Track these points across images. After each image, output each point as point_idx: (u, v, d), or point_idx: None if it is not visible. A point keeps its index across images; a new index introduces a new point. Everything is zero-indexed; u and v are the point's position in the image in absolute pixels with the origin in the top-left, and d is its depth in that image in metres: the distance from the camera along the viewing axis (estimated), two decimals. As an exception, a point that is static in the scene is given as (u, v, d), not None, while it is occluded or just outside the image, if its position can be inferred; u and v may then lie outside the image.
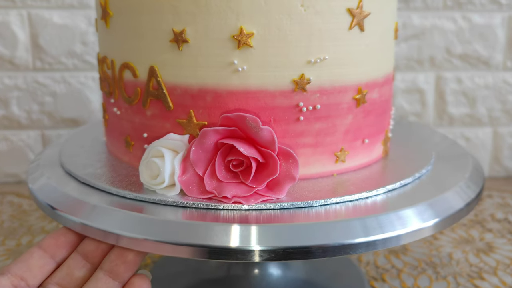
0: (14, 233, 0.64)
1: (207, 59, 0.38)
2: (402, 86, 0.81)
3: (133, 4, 0.40)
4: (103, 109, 0.49)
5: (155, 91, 0.40)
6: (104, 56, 0.45)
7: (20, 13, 0.75)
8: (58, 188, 0.42)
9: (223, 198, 0.36)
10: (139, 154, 0.43)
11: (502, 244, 0.62)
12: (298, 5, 0.38)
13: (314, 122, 0.40)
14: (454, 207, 0.41)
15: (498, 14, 0.79)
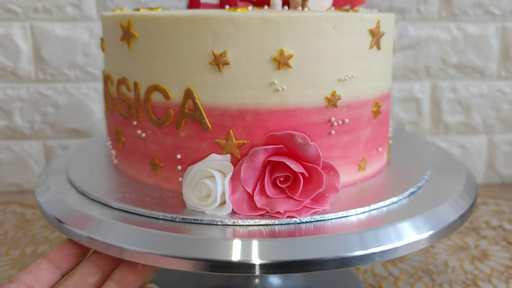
0: (18, 243, 0.65)
1: (247, 80, 0.39)
2: (399, 95, 0.82)
3: (167, 27, 0.40)
4: (116, 132, 0.47)
5: (192, 113, 0.40)
6: (122, 77, 0.44)
7: (23, 25, 0.76)
8: (64, 201, 0.44)
9: (276, 213, 0.38)
10: (169, 176, 0.43)
11: (497, 251, 0.63)
12: (330, 27, 0.40)
13: (343, 135, 0.43)
14: (448, 219, 0.42)
15: (492, 24, 0.80)
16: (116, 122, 0.47)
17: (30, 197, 0.80)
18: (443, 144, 0.85)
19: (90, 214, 0.40)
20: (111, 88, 0.47)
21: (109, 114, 0.50)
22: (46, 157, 0.82)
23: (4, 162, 0.81)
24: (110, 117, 0.49)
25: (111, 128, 0.50)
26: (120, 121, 0.46)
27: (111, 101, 0.47)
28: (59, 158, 0.55)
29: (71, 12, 0.76)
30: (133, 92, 0.43)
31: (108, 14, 0.46)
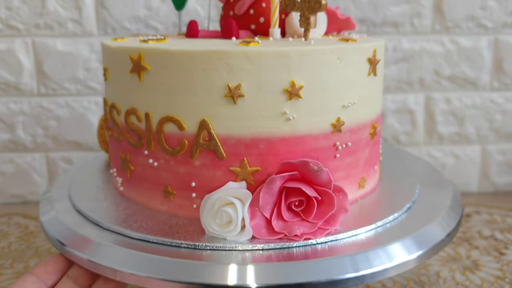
0: (22, 256, 0.67)
1: (260, 110, 0.41)
2: (393, 107, 0.84)
3: (181, 61, 0.41)
4: (124, 160, 0.48)
5: (207, 143, 0.42)
6: (132, 108, 0.46)
7: (25, 41, 0.78)
8: (67, 224, 0.45)
9: (294, 236, 0.40)
10: (183, 203, 0.44)
11: (488, 261, 0.65)
12: (335, 58, 0.43)
13: (346, 157, 0.46)
14: (436, 238, 0.44)
15: (484, 37, 0.82)
16: (124, 150, 0.48)
17: (33, 208, 0.82)
18: (437, 154, 0.87)
19: (107, 243, 0.41)
20: (117, 118, 0.48)
21: (113, 141, 0.50)
22: (49, 169, 0.83)
23: (7, 174, 0.83)
24: (115, 145, 0.50)
25: (115, 155, 0.50)
26: (129, 149, 0.47)
27: (117, 130, 0.48)
28: (61, 180, 0.57)
29: (71, 28, 0.78)
30: (144, 122, 0.44)
31: (114, 46, 0.46)
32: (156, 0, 0.77)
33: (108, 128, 0.51)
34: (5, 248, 0.69)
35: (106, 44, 0.48)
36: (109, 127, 0.50)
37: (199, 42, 0.45)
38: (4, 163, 0.82)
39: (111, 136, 0.50)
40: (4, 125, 0.81)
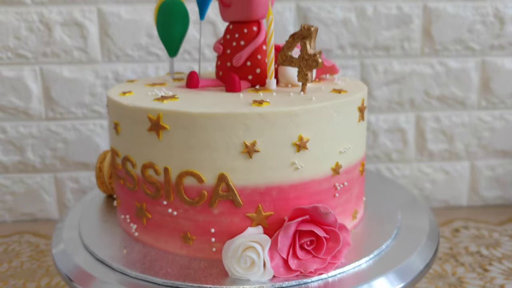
0: (33, 275, 0.71)
1: (273, 162, 0.46)
2: (385, 126, 0.88)
3: (200, 122, 0.44)
4: (140, 209, 0.50)
5: (225, 193, 0.46)
6: (149, 162, 0.47)
7: (33, 68, 0.82)
8: (74, 261, 0.49)
9: (309, 273, 0.45)
10: (202, 247, 0.48)
11: (472, 278, 0.69)
12: (333, 112, 0.47)
13: (343, 195, 0.51)
14: (416, 269, 0.48)
15: (472, 58, 0.85)
16: (140, 200, 0.50)
17: (42, 226, 0.87)
18: (428, 170, 0.90)
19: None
20: (132, 170, 0.49)
21: (125, 191, 0.52)
22: (57, 189, 0.88)
23: (18, 193, 0.87)
24: (128, 194, 0.51)
25: (128, 203, 0.52)
26: (146, 199, 0.49)
27: (131, 181, 0.50)
28: (72, 213, 0.60)
29: (77, 55, 0.82)
30: (162, 176, 0.47)
31: (129, 104, 0.48)
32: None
33: (119, 177, 0.53)
34: (17, 267, 0.73)
35: (118, 101, 0.49)
36: (121, 176, 0.52)
37: (210, 98, 0.49)
38: (14, 183, 0.87)
39: (123, 185, 0.52)
40: (14, 147, 0.85)
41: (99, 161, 0.63)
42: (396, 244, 0.51)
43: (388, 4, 0.82)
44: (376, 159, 0.89)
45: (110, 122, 0.53)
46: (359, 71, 0.85)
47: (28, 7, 0.79)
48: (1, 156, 0.85)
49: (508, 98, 0.87)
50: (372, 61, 0.84)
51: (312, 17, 0.82)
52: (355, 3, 0.82)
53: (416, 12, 0.83)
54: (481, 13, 0.83)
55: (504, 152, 0.90)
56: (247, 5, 0.52)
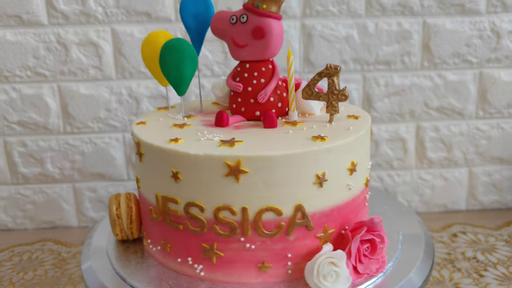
0: (57, 283, 0.76)
1: (337, 187, 0.53)
2: (386, 136, 0.92)
3: (279, 163, 0.49)
4: (210, 249, 0.52)
5: (301, 221, 0.51)
6: (224, 205, 0.50)
7: (51, 86, 0.86)
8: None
9: (374, 273, 0.53)
10: (278, 272, 0.52)
11: (468, 284, 0.73)
12: (364, 136, 0.57)
13: (367, 203, 0.63)
14: (416, 285, 0.53)
15: (470, 71, 0.89)
16: (209, 241, 0.51)
17: (62, 233, 0.92)
18: (427, 177, 0.95)
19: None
20: (199, 214, 0.51)
21: (188, 235, 0.53)
22: (75, 198, 0.93)
23: (38, 203, 0.92)
24: (192, 237, 0.52)
25: (192, 247, 0.53)
26: (217, 239, 0.51)
27: (198, 225, 0.51)
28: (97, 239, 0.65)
29: (93, 73, 0.86)
30: (240, 215, 0.49)
31: (199, 153, 0.49)
32: (168, 47, 0.85)
33: (175, 223, 0.53)
34: (42, 275, 0.78)
35: (180, 150, 0.50)
36: (180, 222, 0.52)
37: (267, 138, 0.53)
38: (35, 193, 0.92)
39: (182, 230, 0.53)
40: (35, 160, 0.90)
41: (114, 208, 0.62)
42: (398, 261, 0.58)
43: (389, 21, 0.86)
44: (378, 166, 0.94)
45: (157, 170, 0.53)
46: (361, 84, 0.89)
47: (45, 28, 0.83)
48: (22, 168, 0.90)
49: (504, 108, 0.91)
50: (374, 75, 0.88)
51: (316, 34, 0.86)
52: (357, 20, 0.85)
53: (416, 28, 0.86)
54: (478, 28, 0.87)
55: (501, 159, 0.94)
56: (265, 46, 0.56)
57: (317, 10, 0.85)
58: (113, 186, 0.92)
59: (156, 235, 0.57)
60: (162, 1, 0.83)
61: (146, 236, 0.61)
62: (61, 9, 0.82)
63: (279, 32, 0.55)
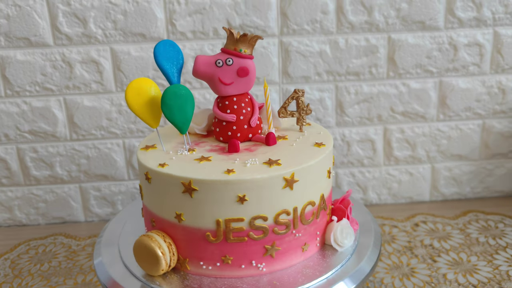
0: (70, 273, 0.88)
1: (331, 178, 0.70)
2: (357, 137, 1.03)
3: (308, 169, 0.63)
4: (271, 248, 0.62)
5: (322, 205, 0.67)
6: (282, 210, 0.61)
7: (58, 99, 0.97)
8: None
9: (356, 227, 0.74)
10: (312, 247, 0.67)
11: (422, 268, 0.86)
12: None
13: None
14: (365, 271, 0.65)
15: (430, 79, 1.00)
16: (270, 241, 0.62)
17: (71, 227, 1.04)
18: (394, 173, 1.07)
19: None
20: (263, 224, 0.61)
21: (250, 243, 0.62)
22: (82, 196, 1.04)
23: (49, 201, 1.04)
24: (255, 244, 0.62)
25: (255, 251, 0.63)
26: (277, 238, 0.63)
27: (261, 232, 0.62)
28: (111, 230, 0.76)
29: (95, 87, 0.97)
30: (292, 214, 0.63)
31: (268, 176, 0.59)
32: (161, 63, 0.95)
33: (235, 237, 0.60)
34: (57, 267, 0.90)
35: (250, 178, 0.58)
36: (244, 235, 0.61)
37: (282, 152, 0.66)
38: (46, 193, 1.03)
39: (247, 241, 0.61)
40: (45, 164, 1.01)
41: (157, 249, 0.61)
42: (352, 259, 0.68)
43: (358, 37, 0.96)
44: (351, 164, 1.06)
45: (216, 200, 0.59)
46: (334, 93, 1.00)
47: (51, 49, 0.94)
48: (34, 171, 1.01)
49: (462, 111, 1.02)
50: (345, 85, 0.99)
51: (293, 50, 0.96)
52: (329, 37, 0.96)
53: (382, 43, 0.97)
54: (437, 42, 0.97)
55: (460, 155, 1.06)
56: (248, 83, 0.68)
57: (293, 28, 0.95)
58: (115, 185, 1.04)
59: (213, 255, 0.62)
60: (155, 23, 0.93)
61: (193, 261, 0.64)
62: (65, 32, 0.93)
63: (254, 70, 0.67)
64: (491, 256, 0.88)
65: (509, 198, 1.10)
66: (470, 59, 0.99)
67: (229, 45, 0.66)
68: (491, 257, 0.88)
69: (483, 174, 1.08)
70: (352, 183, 1.07)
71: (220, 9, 0.93)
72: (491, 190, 1.10)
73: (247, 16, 0.93)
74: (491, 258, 0.87)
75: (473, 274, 0.83)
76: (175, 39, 0.94)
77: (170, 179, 0.60)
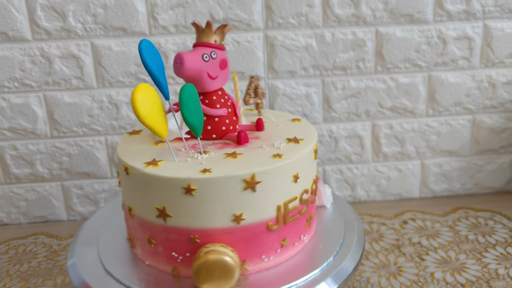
0: (50, 274, 0.86)
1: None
2: (345, 133, 1.01)
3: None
4: None
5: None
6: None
7: (37, 95, 0.94)
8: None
9: None
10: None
11: (409, 267, 0.84)
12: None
13: None
14: (348, 271, 0.63)
15: (419, 74, 0.98)
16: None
17: (53, 227, 1.01)
18: (383, 169, 1.05)
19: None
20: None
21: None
22: (64, 195, 1.02)
23: (30, 200, 1.02)
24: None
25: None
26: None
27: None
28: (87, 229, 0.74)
29: (75, 83, 0.94)
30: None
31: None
32: (143, 58, 0.93)
33: (291, 217, 0.63)
34: (36, 267, 0.88)
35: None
36: (295, 214, 0.63)
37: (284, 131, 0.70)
38: (27, 191, 1.01)
39: (296, 219, 0.64)
40: (25, 162, 0.99)
41: (233, 262, 0.57)
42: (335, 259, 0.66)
43: (344, 30, 0.94)
44: (338, 161, 1.04)
45: (278, 185, 0.60)
46: (321, 88, 0.98)
47: (30, 43, 0.91)
48: (14, 169, 0.99)
49: (451, 106, 1.01)
50: (332, 79, 0.97)
51: (278, 44, 0.94)
52: (315, 30, 0.94)
53: (369, 36, 0.95)
54: (426, 36, 0.95)
55: (450, 151, 1.04)
56: (227, 75, 0.67)
57: (279, 22, 0.93)
58: (98, 183, 1.02)
59: (274, 243, 0.62)
60: (136, 17, 0.91)
61: (253, 258, 0.62)
62: (43, 26, 0.90)
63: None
64: (480, 254, 0.86)
65: (500, 195, 1.08)
66: (459, 53, 0.97)
67: (206, 38, 0.64)
68: (480, 255, 0.86)
69: (474, 170, 1.06)
70: (340, 180, 1.05)
71: (203, 2, 0.90)
72: (482, 186, 1.08)
73: (231, 9, 0.91)
74: (480, 256, 0.86)
75: (461, 273, 0.81)
76: (157, 33, 0.92)
77: (225, 182, 0.56)
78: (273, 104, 0.98)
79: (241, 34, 0.93)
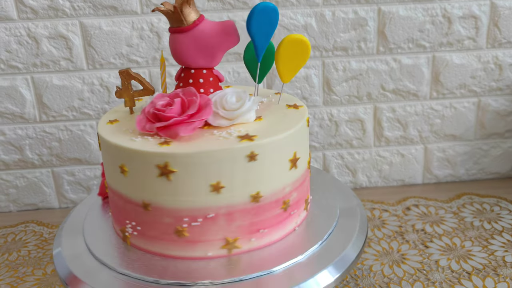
0: (40, 263, 0.83)
1: None
2: (346, 117, 0.98)
3: None
4: None
5: None
6: None
7: (25, 77, 0.90)
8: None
9: None
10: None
11: (413, 255, 0.81)
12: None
13: None
14: (350, 259, 0.60)
15: (423, 55, 0.94)
16: None
17: (44, 214, 0.98)
18: (385, 154, 1.01)
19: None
20: None
21: None
22: (55, 181, 0.98)
23: (20, 187, 0.98)
24: None
25: None
26: None
27: None
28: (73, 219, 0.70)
29: (64, 65, 0.90)
30: None
31: None
32: (135, 38, 0.89)
33: None
34: (25, 256, 0.85)
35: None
36: None
37: None
38: (16, 178, 0.97)
39: None
40: (14, 147, 0.95)
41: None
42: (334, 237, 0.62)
43: (345, 9, 0.90)
44: (339, 145, 1.00)
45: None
46: (321, 70, 0.94)
47: (15, 23, 0.87)
48: (2, 155, 0.95)
49: (456, 89, 0.97)
50: (333, 61, 0.93)
51: (276, 23, 0.90)
52: (315, 9, 0.90)
53: (371, 15, 0.91)
54: (430, 14, 0.91)
55: (454, 136, 1.01)
56: None
57: (276, 0, 0.88)
58: (90, 169, 0.98)
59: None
60: (127, -6, 0.86)
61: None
62: (29, 4, 0.86)
63: None
64: (486, 241, 0.83)
65: (505, 180, 1.05)
66: (465, 32, 0.93)
67: (196, 15, 0.60)
68: (486, 242, 0.83)
69: (478, 155, 1.03)
70: (340, 165, 1.01)
71: (197, -21, 0.86)
72: (487, 171, 1.04)
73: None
74: (486, 243, 0.83)
75: (467, 260, 0.78)
76: (149, 12, 0.88)
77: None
78: (271, 86, 0.94)
79: (237, 12, 0.89)
